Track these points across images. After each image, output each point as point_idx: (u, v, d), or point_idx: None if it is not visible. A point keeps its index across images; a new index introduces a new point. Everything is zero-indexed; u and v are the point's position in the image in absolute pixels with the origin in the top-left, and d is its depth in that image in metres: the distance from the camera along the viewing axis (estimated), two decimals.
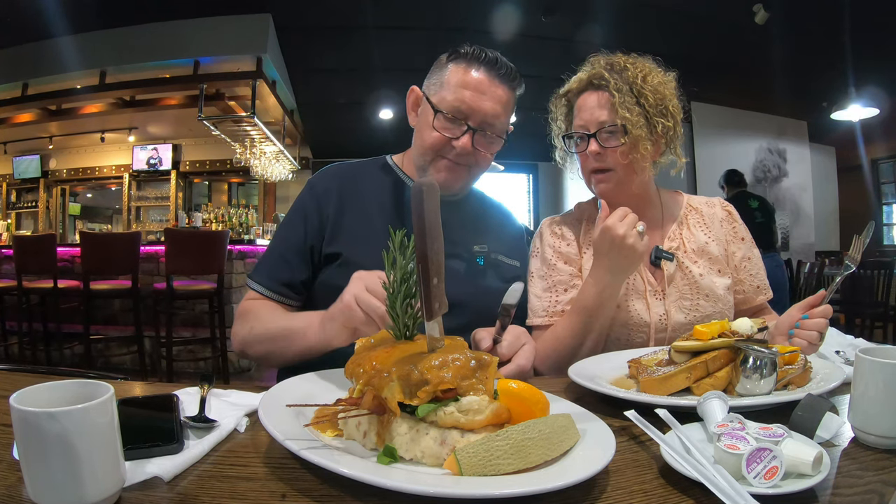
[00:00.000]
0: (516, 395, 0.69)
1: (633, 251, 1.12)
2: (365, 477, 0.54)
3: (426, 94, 1.25)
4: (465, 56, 1.22)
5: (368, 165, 1.39)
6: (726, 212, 1.40)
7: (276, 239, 1.32)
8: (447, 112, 1.19)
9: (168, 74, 5.67)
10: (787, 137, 7.34)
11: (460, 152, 1.20)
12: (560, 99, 1.36)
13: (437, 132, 1.20)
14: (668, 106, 1.25)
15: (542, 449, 0.60)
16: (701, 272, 1.29)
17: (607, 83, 1.24)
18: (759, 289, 1.35)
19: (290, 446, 0.60)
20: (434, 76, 1.26)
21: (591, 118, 1.26)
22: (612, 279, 1.16)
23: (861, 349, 0.73)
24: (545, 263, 1.34)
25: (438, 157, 1.23)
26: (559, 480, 0.55)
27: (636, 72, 1.25)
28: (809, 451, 0.58)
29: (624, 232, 1.11)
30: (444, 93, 1.21)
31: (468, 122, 1.19)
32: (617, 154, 1.24)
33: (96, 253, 4.19)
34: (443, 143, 1.21)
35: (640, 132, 1.21)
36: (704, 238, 1.33)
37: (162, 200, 8.45)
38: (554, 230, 1.38)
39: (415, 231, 0.67)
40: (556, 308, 1.29)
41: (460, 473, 0.58)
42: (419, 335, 0.76)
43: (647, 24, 4.90)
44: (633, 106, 1.22)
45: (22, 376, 0.97)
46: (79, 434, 0.50)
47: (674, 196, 1.42)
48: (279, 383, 0.83)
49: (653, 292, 1.28)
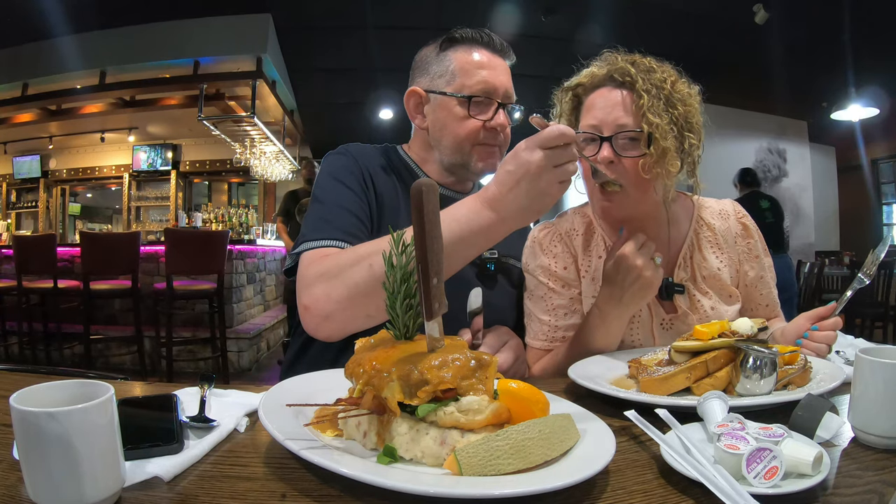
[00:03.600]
0: (516, 395, 0.69)
1: (649, 284, 1.02)
2: (365, 477, 0.54)
3: (435, 90, 1.22)
4: (463, 40, 1.22)
5: (381, 152, 1.30)
6: (742, 225, 1.25)
7: (333, 195, 1.14)
8: (478, 95, 1.18)
9: (168, 74, 5.67)
10: (787, 137, 7.35)
11: (500, 129, 1.20)
12: (566, 92, 1.19)
13: (473, 119, 1.18)
14: (694, 122, 1.09)
15: (542, 449, 0.60)
16: (712, 305, 1.18)
17: (633, 81, 1.07)
18: (768, 307, 1.26)
19: (290, 446, 0.60)
20: (434, 69, 1.23)
21: (607, 118, 1.08)
22: (621, 311, 1.06)
23: (861, 349, 0.73)
24: (542, 285, 1.23)
25: (477, 146, 1.21)
26: (559, 480, 0.55)
27: (664, 75, 1.09)
28: (809, 451, 0.58)
29: (642, 263, 1.01)
30: (461, 80, 1.19)
31: (497, 98, 1.19)
32: (634, 166, 1.06)
33: (96, 253, 4.19)
34: (479, 130, 1.19)
35: (668, 144, 1.04)
36: (717, 263, 1.21)
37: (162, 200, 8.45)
38: (546, 248, 1.24)
39: (414, 231, 0.67)
40: (556, 334, 1.21)
41: (460, 473, 0.58)
42: (419, 335, 0.76)
43: (647, 24, 4.90)
44: (663, 112, 1.05)
45: (22, 376, 0.97)
46: (79, 434, 0.50)
47: (682, 203, 1.26)
48: (279, 383, 0.83)
49: (659, 323, 1.19)
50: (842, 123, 6.25)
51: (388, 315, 0.75)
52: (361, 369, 0.68)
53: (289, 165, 7.64)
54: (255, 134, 6.46)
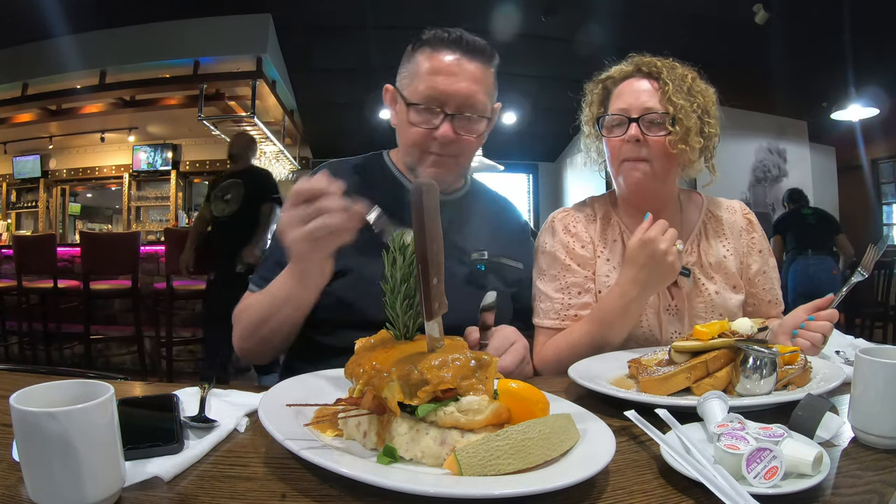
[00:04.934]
0: (516, 395, 0.69)
1: (671, 269, 1.07)
2: (365, 477, 0.54)
3: (399, 89, 1.19)
4: (430, 41, 1.15)
5: (367, 163, 1.32)
6: (747, 220, 1.34)
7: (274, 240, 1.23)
8: (421, 103, 1.13)
9: (168, 74, 5.66)
10: (787, 137, 7.34)
11: (443, 142, 1.14)
12: (597, 84, 1.29)
13: (416, 126, 1.14)
14: (712, 113, 1.21)
15: (543, 449, 0.60)
16: (717, 289, 1.25)
17: (658, 71, 1.19)
18: (770, 303, 1.31)
19: (290, 446, 0.60)
20: (404, 69, 1.20)
21: (635, 102, 1.19)
22: (641, 293, 1.10)
23: (861, 349, 0.73)
24: (557, 262, 1.27)
25: (424, 154, 1.17)
26: (559, 480, 0.55)
27: (685, 71, 1.22)
28: (809, 451, 0.58)
29: (666, 247, 1.05)
30: (415, 84, 1.14)
31: (444, 108, 1.12)
32: (660, 144, 1.17)
33: (96, 253, 4.19)
34: (424, 137, 1.14)
35: (692, 123, 1.15)
36: (723, 251, 1.28)
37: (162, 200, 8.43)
38: (568, 227, 1.30)
39: (414, 231, 0.67)
40: (568, 312, 1.23)
41: (460, 473, 0.58)
42: (419, 335, 0.76)
43: (647, 24, 4.90)
44: (685, 97, 1.17)
45: (22, 376, 0.97)
46: (79, 434, 0.50)
47: (693, 198, 1.36)
48: (279, 383, 0.83)
49: (666, 308, 1.24)
50: (842, 123, 6.24)
51: (388, 315, 0.75)
52: (361, 369, 0.68)
53: (289, 165, 7.64)
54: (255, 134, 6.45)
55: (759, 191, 7.23)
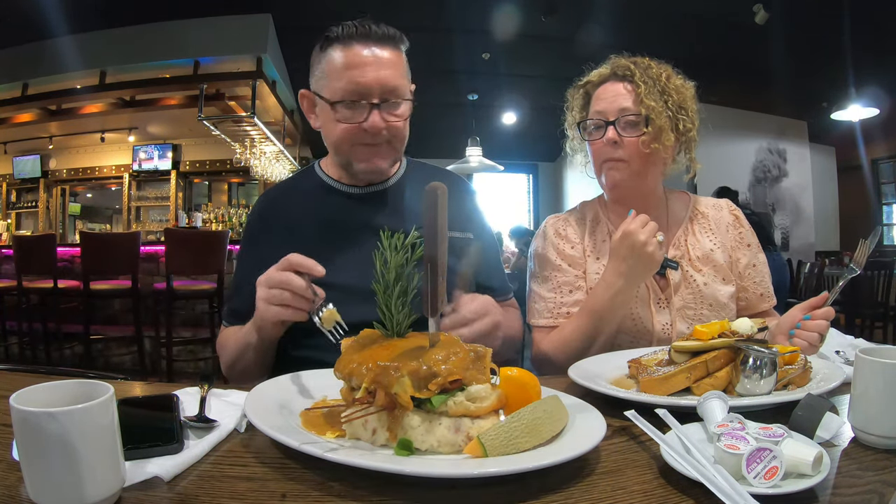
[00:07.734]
0: (516, 381, 0.76)
1: (651, 259, 1.12)
2: (390, 467, 0.57)
3: (316, 92, 1.20)
4: (337, 39, 1.15)
5: (299, 178, 1.38)
6: (733, 216, 1.38)
7: (238, 267, 1.34)
8: (344, 99, 1.14)
9: (168, 74, 5.66)
10: (787, 137, 7.35)
11: (373, 132, 1.15)
12: (578, 89, 1.35)
13: (344, 123, 1.16)
14: (689, 109, 1.26)
15: (549, 425, 0.66)
16: (705, 281, 1.28)
17: (632, 74, 1.24)
18: (762, 296, 1.34)
19: (290, 444, 0.61)
20: (315, 70, 1.20)
21: (611, 106, 1.25)
22: (626, 284, 1.15)
23: (861, 349, 0.73)
24: (548, 263, 1.33)
25: (355, 147, 1.18)
26: (579, 448, 0.61)
27: (660, 70, 1.26)
28: (809, 451, 0.58)
29: (645, 239, 1.10)
30: (333, 83, 1.15)
31: (369, 99, 1.14)
32: (635, 144, 1.22)
33: (96, 253, 4.19)
34: (354, 132, 1.16)
35: (663, 123, 1.21)
36: (710, 245, 1.32)
37: (162, 200, 8.43)
38: (558, 230, 1.36)
39: (426, 234, 0.71)
40: (560, 310, 1.29)
41: (485, 455, 0.61)
42: (410, 332, 0.77)
43: (646, 24, 4.90)
44: (658, 98, 1.22)
45: (22, 376, 0.98)
46: (79, 434, 0.50)
47: (680, 197, 1.41)
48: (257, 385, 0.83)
49: (656, 300, 1.28)
50: (842, 123, 6.23)
51: (380, 313, 0.76)
52: (364, 368, 0.69)
53: (289, 165, 7.64)
54: (255, 134, 6.45)
55: (759, 191, 7.24)
